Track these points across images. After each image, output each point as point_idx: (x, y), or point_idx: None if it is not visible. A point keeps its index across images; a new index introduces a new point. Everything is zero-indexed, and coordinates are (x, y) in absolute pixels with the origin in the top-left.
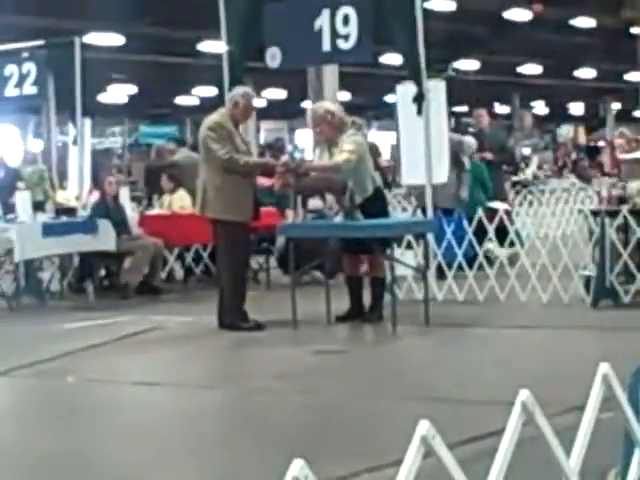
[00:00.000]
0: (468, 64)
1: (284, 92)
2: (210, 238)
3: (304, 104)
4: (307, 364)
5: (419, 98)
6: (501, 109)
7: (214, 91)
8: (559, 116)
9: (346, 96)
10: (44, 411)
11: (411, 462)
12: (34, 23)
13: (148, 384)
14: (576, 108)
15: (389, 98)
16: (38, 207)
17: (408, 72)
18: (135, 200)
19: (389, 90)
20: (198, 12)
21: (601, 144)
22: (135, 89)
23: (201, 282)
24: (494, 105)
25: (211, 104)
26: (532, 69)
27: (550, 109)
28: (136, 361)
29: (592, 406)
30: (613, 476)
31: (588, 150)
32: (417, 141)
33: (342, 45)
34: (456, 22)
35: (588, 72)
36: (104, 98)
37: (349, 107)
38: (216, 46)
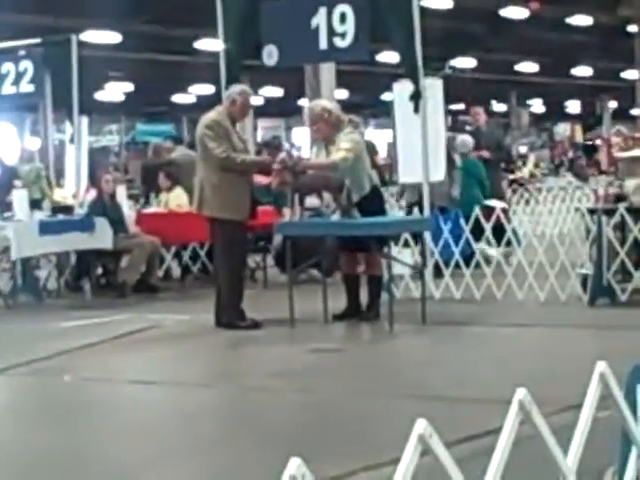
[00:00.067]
0: (465, 62)
1: (281, 90)
2: (207, 236)
3: (301, 102)
4: (304, 363)
5: (416, 96)
6: (498, 107)
7: (211, 89)
8: (556, 114)
9: (343, 94)
10: (41, 409)
11: (408, 461)
12: (31, 21)
13: (145, 382)
14: (573, 106)
15: (386, 96)
16: (35, 205)
17: (405, 70)
18: (132, 198)
19: (386, 88)
20: (195, 10)
21: (598, 142)
22: (132, 87)
23: (198, 280)
24: (491, 103)
25: (208, 102)
26: (529, 67)
27: (547, 107)
28: (133, 359)
29: (589, 405)
30: (610, 475)
31: (585, 148)
32: (414, 139)
33: (339, 43)
34: (453, 20)
35: (585, 70)
36: (101, 96)
37: (346, 105)
38: (213, 44)
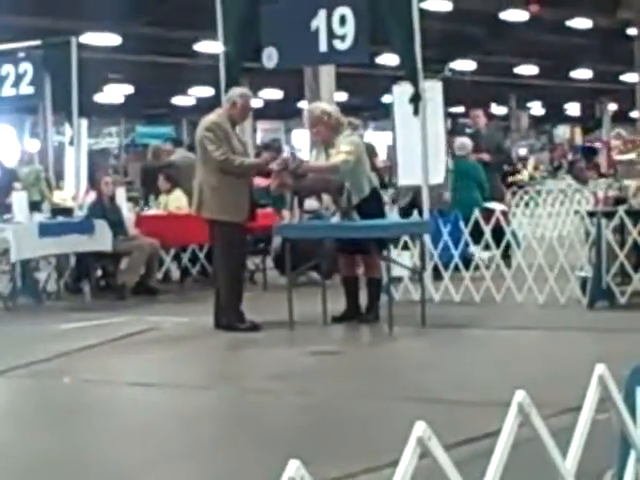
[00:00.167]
0: (465, 65)
1: (281, 92)
2: (206, 238)
3: (301, 104)
4: (303, 365)
5: (416, 99)
6: (498, 110)
7: (211, 91)
8: (555, 117)
9: (343, 96)
10: (40, 411)
11: (407, 463)
12: (31, 23)
13: (144, 385)
14: (572, 109)
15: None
16: (34, 207)
17: (405, 72)
18: (131, 200)
19: (386, 91)
20: (195, 12)
21: (598, 145)
22: (132, 89)
23: (197, 283)
24: (490, 106)
25: (208, 104)
26: (528, 70)
27: (547, 110)
28: (132, 362)
29: (588, 407)
30: (609, 478)
31: (584, 151)
32: (413, 142)
33: (339, 45)
34: (453, 22)
35: (584, 73)
36: (101, 98)
37: (346, 107)
38: (213, 46)
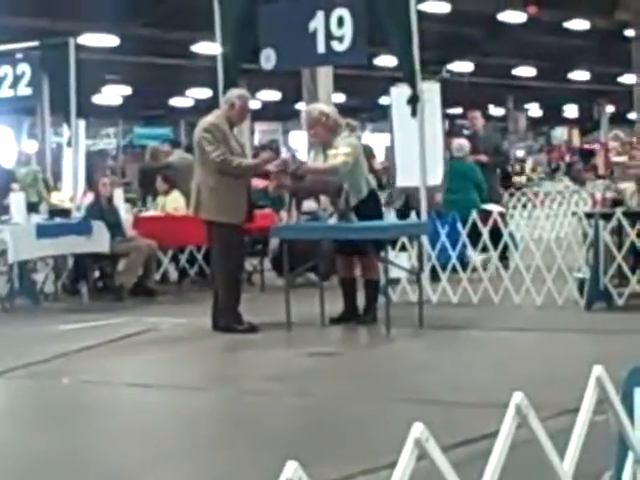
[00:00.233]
0: (462, 66)
1: (278, 94)
2: (204, 240)
3: (298, 106)
4: (301, 366)
5: (413, 100)
6: (495, 111)
7: (208, 93)
8: (553, 118)
9: (340, 98)
10: (39, 412)
11: (405, 465)
12: (29, 24)
13: (142, 386)
14: (570, 110)
15: (383, 100)
16: (32, 208)
17: (402, 74)
18: (129, 202)
19: (383, 92)
20: (192, 13)
21: (595, 147)
22: (129, 90)
23: (195, 284)
24: (488, 107)
25: (205, 106)
26: (526, 71)
27: (544, 111)
28: (130, 363)
29: (586, 409)
30: (607, 479)
31: (582, 153)
32: (411, 143)
33: (337, 47)
34: (450, 24)
35: (582, 74)
36: (98, 99)
37: (343, 109)
38: (210, 47)
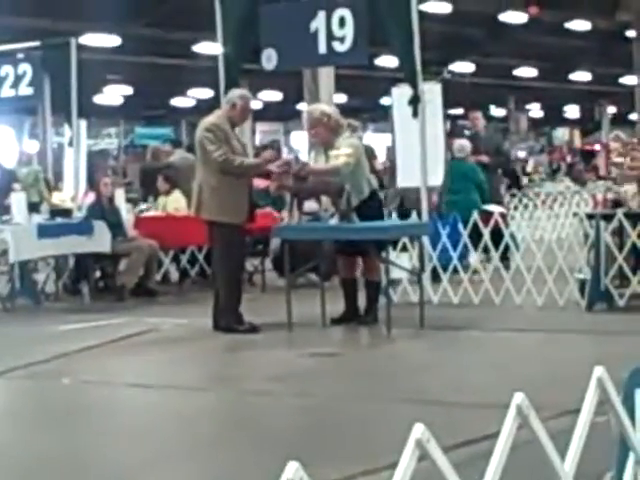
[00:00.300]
0: (464, 66)
1: (280, 94)
2: (205, 240)
3: (300, 106)
4: (302, 366)
5: (414, 100)
6: (496, 112)
7: (210, 93)
8: (554, 119)
9: (342, 98)
10: (39, 412)
11: (406, 465)
12: (30, 24)
13: (143, 386)
14: (571, 111)
15: (385, 100)
16: (33, 208)
17: (404, 74)
18: (130, 201)
19: (385, 92)
20: (194, 13)
21: (596, 147)
22: (131, 90)
23: (196, 284)
24: (489, 108)
25: (207, 106)
26: (527, 72)
27: (545, 112)
28: (131, 363)
29: (587, 410)
30: None
31: (583, 154)
32: (413, 144)
33: (338, 47)
34: (452, 24)
35: (583, 75)
36: (100, 99)
37: (345, 109)
38: (212, 48)
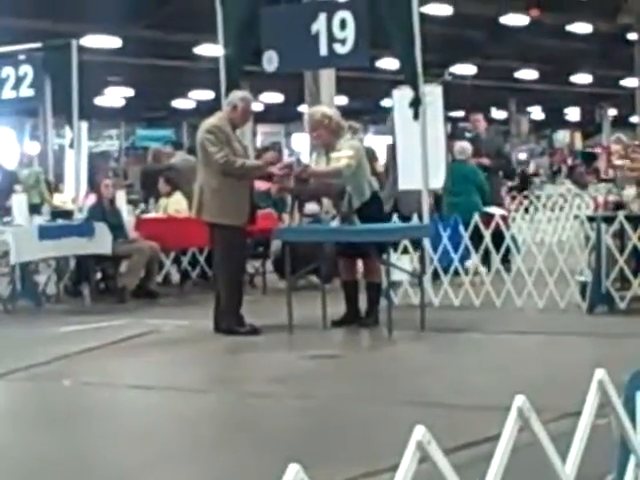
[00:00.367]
0: (465, 69)
1: (281, 96)
2: (206, 242)
3: (301, 108)
4: (303, 368)
5: (416, 103)
6: (498, 114)
7: (211, 94)
8: (555, 121)
9: (343, 100)
10: (40, 414)
11: (407, 467)
12: (31, 25)
13: (144, 388)
14: (572, 113)
15: (386, 102)
16: (34, 210)
17: (405, 77)
18: (131, 203)
19: (386, 94)
20: (195, 15)
21: (597, 150)
22: (132, 92)
23: (197, 286)
24: (491, 110)
25: (208, 107)
26: (529, 74)
27: (546, 114)
28: (132, 365)
29: (588, 412)
30: None
31: (584, 156)
32: (413, 146)
33: (339, 49)
34: (453, 26)
35: (584, 78)
36: (101, 101)
37: (346, 111)
38: (213, 49)
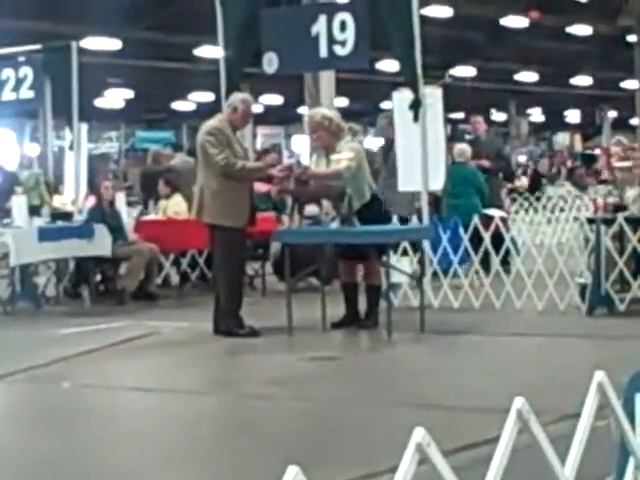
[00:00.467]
0: (465, 71)
1: (281, 98)
2: (206, 244)
3: (301, 110)
4: (302, 370)
5: (416, 105)
6: (497, 116)
7: (211, 96)
8: (555, 124)
9: (343, 102)
10: (39, 416)
11: (406, 469)
12: (31, 27)
13: (143, 390)
14: (572, 116)
15: (386, 104)
16: (34, 212)
17: (405, 78)
18: (131, 205)
19: (386, 96)
20: (195, 17)
21: (597, 152)
22: (132, 94)
23: (197, 288)
24: (490, 112)
25: (208, 109)
26: (528, 76)
27: (546, 116)
28: (131, 367)
29: (587, 414)
30: None
31: (584, 158)
32: (413, 148)
33: (339, 51)
34: (453, 28)
35: (584, 80)
36: (101, 103)
37: (346, 113)
38: (213, 51)
